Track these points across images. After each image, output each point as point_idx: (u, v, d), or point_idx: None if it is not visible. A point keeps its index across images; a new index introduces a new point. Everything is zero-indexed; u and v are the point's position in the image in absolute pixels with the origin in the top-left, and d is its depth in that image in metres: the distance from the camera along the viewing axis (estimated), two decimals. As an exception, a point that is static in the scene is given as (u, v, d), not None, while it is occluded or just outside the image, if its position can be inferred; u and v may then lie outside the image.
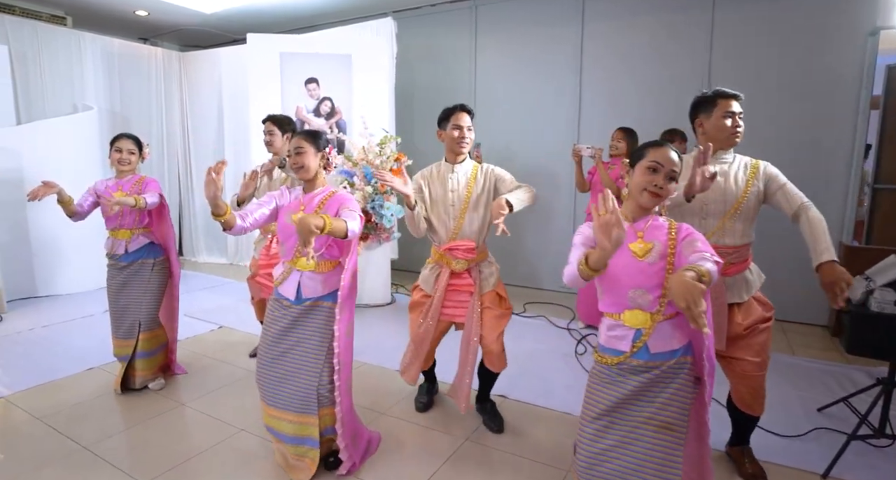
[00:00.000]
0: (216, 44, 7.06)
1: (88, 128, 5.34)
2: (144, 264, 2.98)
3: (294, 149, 2.11)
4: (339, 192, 2.16)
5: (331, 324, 2.12)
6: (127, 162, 2.94)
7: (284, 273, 2.15)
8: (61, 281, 5.11)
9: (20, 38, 5.35)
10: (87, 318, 4.41)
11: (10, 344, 3.80)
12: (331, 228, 1.81)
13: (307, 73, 4.44)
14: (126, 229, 2.95)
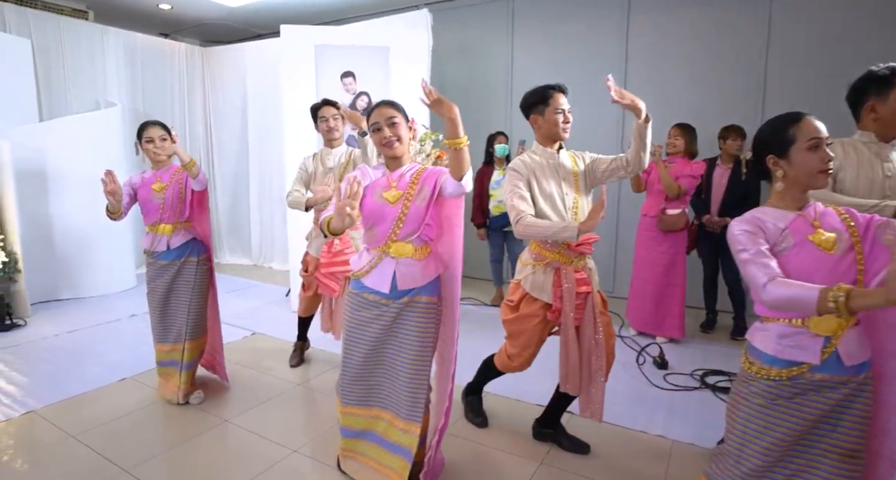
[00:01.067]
0: (237, 40, 6.88)
1: (112, 125, 5.16)
2: (188, 262, 2.78)
3: (386, 121, 1.85)
4: (430, 167, 1.93)
5: (433, 323, 1.93)
6: (161, 150, 2.72)
7: (373, 262, 1.91)
8: (85, 284, 4.93)
9: (43, 33, 5.18)
10: (114, 323, 4.22)
11: (36, 351, 3.61)
12: (459, 140, 1.69)
13: (343, 66, 4.23)
14: (167, 223, 2.75)
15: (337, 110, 3.02)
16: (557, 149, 2.19)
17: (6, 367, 3.33)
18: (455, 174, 1.76)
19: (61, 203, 4.76)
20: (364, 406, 2.01)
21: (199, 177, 2.64)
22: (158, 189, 2.72)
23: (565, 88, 2.18)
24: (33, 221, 4.55)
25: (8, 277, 4.19)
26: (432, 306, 1.92)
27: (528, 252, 2.24)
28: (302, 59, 4.22)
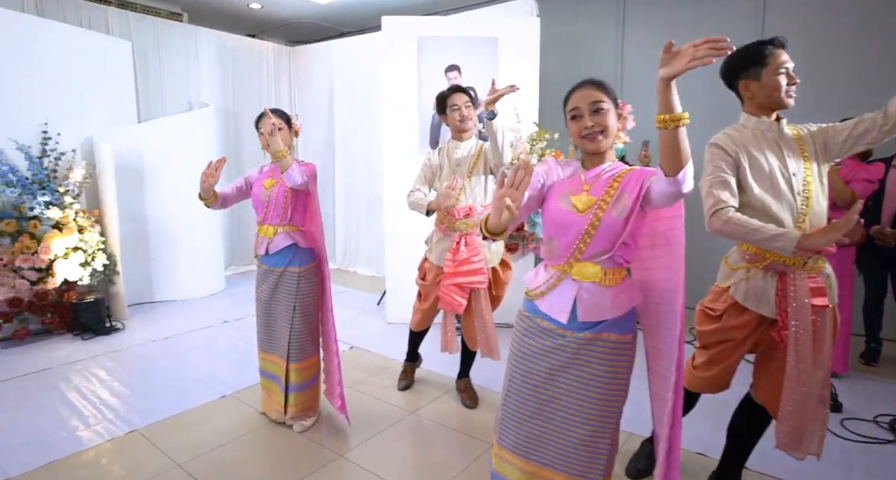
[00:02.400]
0: (321, 39, 6.74)
1: (205, 126, 5.09)
2: (288, 272, 2.49)
3: (590, 107, 1.47)
4: (636, 167, 1.52)
5: (624, 366, 1.51)
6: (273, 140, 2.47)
7: (550, 282, 1.54)
8: (177, 286, 4.88)
9: (142, 35, 5.20)
10: (207, 330, 4.09)
11: (135, 359, 3.50)
12: (678, 116, 1.26)
13: (447, 59, 3.90)
14: (269, 225, 2.49)
15: (469, 98, 2.67)
16: (776, 120, 1.74)
17: (108, 376, 3.23)
18: (669, 167, 1.30)
19: (156, 204, 4.72)
20: (522, 457, 1.63)
21: (289, 172, 2.32)
22: (268, 185, 2.49)
23: (785, 41, 1.71)
24: (130, 222, 4.52)
25: (108, 279, 4.15)
26: (624, 347, 1.51)
27: (738, 252, 1.79)
28: (404, 53, 3.93)
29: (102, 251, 4.04)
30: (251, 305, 4.71)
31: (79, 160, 4.11)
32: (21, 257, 3.64)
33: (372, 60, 5.62)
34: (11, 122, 3.82)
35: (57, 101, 4.10)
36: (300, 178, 2.34)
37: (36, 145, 3.90)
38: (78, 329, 3.91)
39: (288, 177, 2.33)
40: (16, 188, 3.69)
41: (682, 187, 1.31)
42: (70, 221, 3.85)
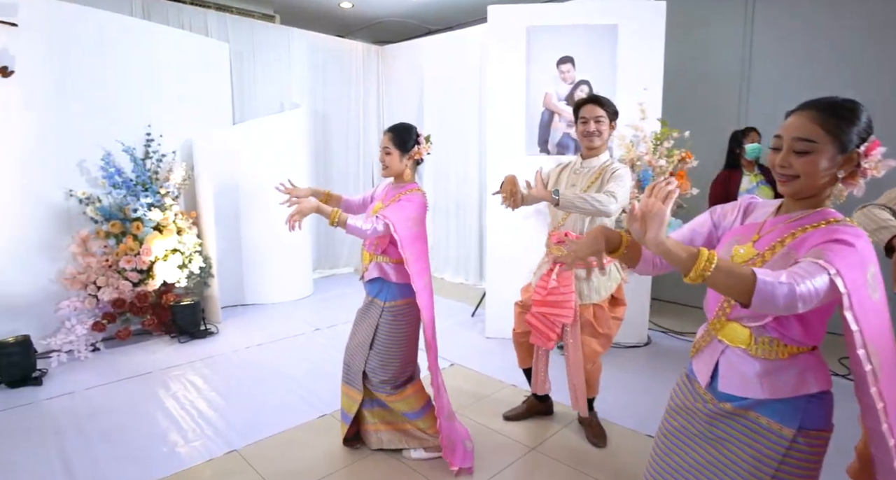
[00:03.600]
0: (407, 38, 6.56)
1: (297, 127, 5.01)
2: (374, 304, 2.24)
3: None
4: (838, 223, 1.09)
5: (775, 459, 1.13)
6: (383, 164, 2.23)
7: (703, 339, 1.28)
8: (267, 290, 4.81)
9: (238, 37, 5.20)
10: (299, 337, 3.95)
11: (230, 367, 3.40)
12: None
13: (559, 50, 3.54)
14: (367, 251, 2.25)
15: (606, 113, 2.29)
16: None
17: (205, 384, 3.13)
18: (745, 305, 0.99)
19: (249, 206, 4.67)
20: None
21: (351, 231, 2.00)
22: (376, 209, 2.22)
23: None
24: (224, 224, 4.49)
25: (203, 282, 4.11)
26: (781, 441, 1.13)
27: None
28: (511, 45, 3.61)
29: (199, 253, 4.01)
30: (339, 312, 4.66)
31: (179, 162, 4.10)
32: (125, 258, 3.65)
33: (465, 57, 5.35)
34: (119, 125, 3.85)
35: (160, 104, 4.11)
36: (369, 227, 2.00)
37: (140, 147, 3.91)
38: (174, 331, 3.88)
39: (355, 233, 2.01)
40: (122, 190, 3.70)
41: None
42: (170, 223, 3.83)
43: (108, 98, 3.82)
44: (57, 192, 3.60)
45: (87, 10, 3.75)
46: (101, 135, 3.77)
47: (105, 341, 3.73)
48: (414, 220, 2.13)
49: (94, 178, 3.75)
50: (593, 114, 2.28)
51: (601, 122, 2.29)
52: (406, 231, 2.08)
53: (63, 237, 3.64)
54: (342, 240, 6.20)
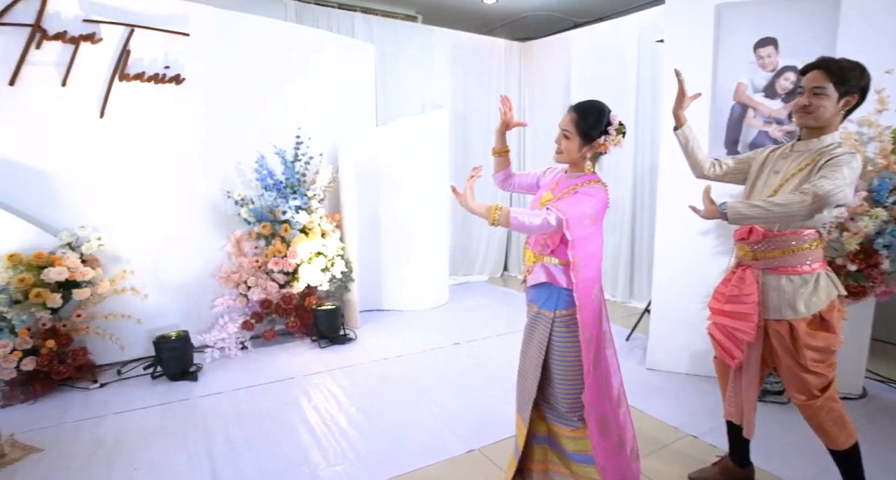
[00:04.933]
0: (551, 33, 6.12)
1: (438, 129, 4.83)
2: (542, 315, 1.85)
3: None
4: None
5: None
6: (559, 147, 1.84)
7: None
8: (403, 295, 4.69)
9: (383, 38, 5.16)
10: (438, 351, 3.73)
11: (369, 379, 3.25)
12: None
13: (758, 31, 2.93)
14: (530, 250, 1.89)
15: (828, 82, 1.74)
16: None
17: (345, 397, 3.00)
18: None
19: (389, 210, 4.57)
20: None
21: (515, 226, 1.67)
22: (544, 199, 1.87)
23: None
24: (364, 228, 4.41)
25: (344, 286, 4.06)
26: None
27: None
28: (694, 28, 3.06)
29: (341, 257, 3.95)
30: (477, 325, 4.30)
31: (325, 164, 4.09)
32: (273, 260, 3.68)
33: (621, 48, 4.83)
34: (272, 127, 3.92)
35: (309, 106, 4.13)
36: (537, 222, 1.66)
37: (290, 150, 3.94)
38: (315, 334, 3.86)
39: (520, 229, 1.68)
40: (272, 192, 3.74)
41: None
42: (315, 226, 3.81)
43: (263, 101, 3.90)
44: (217, 193, 3.73)
45: (247, 16, 3.85)
46: (255, 137, 3.85)
47: (252, 340, 3.80)
48: (591, 219, 1.74)
49: (248, 180, 3.84)
50: (811, 83, 1.76)
51: (821, 95, 1.74)
52: (581, 230, 1.71)
53: (219, 236, 3.77)
54: (477, 247, 5.96)
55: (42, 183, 3.21)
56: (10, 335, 2.95)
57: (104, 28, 3.29)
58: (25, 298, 3.00)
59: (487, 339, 3.92)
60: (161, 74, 3.48)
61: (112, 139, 3.38)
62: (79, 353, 3.18)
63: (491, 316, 4.53)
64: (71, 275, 3.10)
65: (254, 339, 3.82)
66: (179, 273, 3.64)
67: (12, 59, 3.08)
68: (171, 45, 3.50)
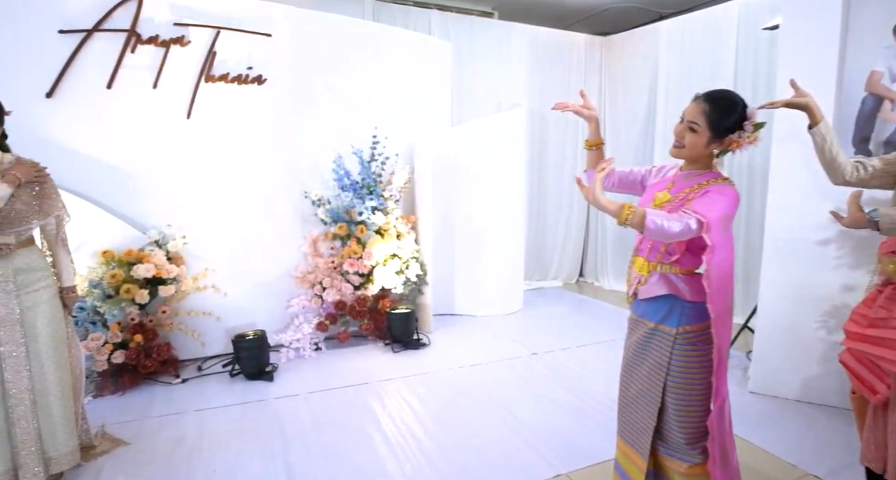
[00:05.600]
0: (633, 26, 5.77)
1: (515, 128, 4.64)
2: (661, 332, 1.62)
3: None
4: None
5: None
6: (679, 140, 1.60)
7: None
8: (476, 300, 4.54)
9: (459, 36, 5.04)
10: (515, 361, 3.54)
11: (445, 390, 3.11)
12: None
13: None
14: (644, 258, 1.66)
15: None
16: None
17: (421, 407, 2.88)
18: None
19: (464, 212, 4.43)
20: None
21: (651, 231, 1.43)
22: (659, 200, 1.64)
23: None
24: (439, 230, 4.30)
25: (418, 290, 3.96)
26: None
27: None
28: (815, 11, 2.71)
29: (415, 259, 3.86)
30: (555, 334, 4.06)
31: (401, 164, 4.01)
32: (348, 261, 3.63)
33: (718, 39, 4.45)
34: (348, 127, 3.88)
35: (386, 105, 4.07)
36: (678, 226, 1.42)
37: (366, 150, 3.89)
38: (388, 338, 3.78)
39: (656, 234, 1.44)
40: (349, 192, 3.70)
41: None
42: (391, 227, 3.73)
43: (340, 100, 3.87)
44: (294, 193, 3.73)
45: (326, 15, 3.83)
46: (332, 137, 3.83)
47: (326, 341, 3.78)
48: (725, 222, 1.51)
49: (325, 181, 3.82)
50: None
51: None
52: (718, 234, 1.48)
53: (296, 236, 3.77)
54: (552, 251, 5.72)
55: (132, 181, 3.31)
56: (102, 328, 3.06)
57: (192, 31, 3.36)
58: (116, 293, 3.10)
59: (567, 350, 3.69)
60: (244, 75, 3.51)
61: (197, 139, 3.44)
62: (163, 348, 3.25)
63: (568, 326, 4.29)
64: (158, 272, 3.18)
65: (327, 340, 3.80)
66: (256, 271, 3.67)
67: (110, 64, 3.19)
68: (254, 46, 3.53)
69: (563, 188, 5.66)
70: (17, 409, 2.01)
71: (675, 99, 4.84)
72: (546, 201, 5.63)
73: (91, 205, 3.15)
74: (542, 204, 5.60)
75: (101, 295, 3.09)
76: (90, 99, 3.17)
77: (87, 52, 3.13)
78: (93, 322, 3.05)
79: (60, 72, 3.09)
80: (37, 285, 2.06)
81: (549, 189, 5.61)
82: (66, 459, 2.14)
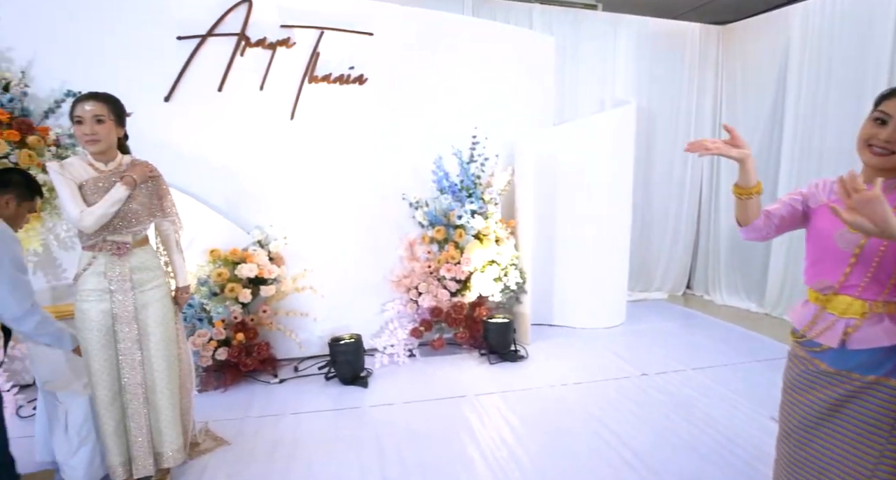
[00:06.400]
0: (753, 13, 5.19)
1: (622, 127, 4.29)
2: (881, 388, 1.26)
3: None
4: None
5: None
6: (887, 147, 1.24)
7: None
8: (575, 310, 4.25)
9: (562, 30, 4.79)
10: (621, 382, 3.23)
11: (545, 413, 2.87)
12: None
13: None
14: (852, 296, 1.30)
15: None
16: None
17: (523, 428, 2.66)
18: None
19: (566, 216, 4.16)
20: None
21: None
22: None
23: None
24: (539, 235, 4.05)
25: (516, 298, 3.75)
26: None
27: None
28: None
29: (515, 266, 3.65)
30: (663, 351, 3.66)
31: (502, 166, 3.82)
32: (445, 266, 3.50)
33: (865, 20, 3.87)
34: (447, 127, 3.75)
35: (486, 104, 3.90)
36: None
37: (465, 150, 3.73)
38: (484, 348, 3.60)
39: None
40: (448, 195, 3.56)
41: None
42: (490, 232, 3.55)
43: (440, 99, 3.75)
44: (392, 195, 3.65)
45: (426, 12, 3.73)
46: (431, 137, 3.71)
47: (420, 347, 3.67)
48: None
49: (422, 182, 3.71)
50: None
51: None
52: None
53: (392, 239, 3.69)
54: (657, 259, 5.29)
55: (237, 182, 3.37)
56: (208, 325, 3.13)
57: (297, 32, 3.37)
58: (221, 291, 3.16)
59: (681, 373, 3.32)
60: (346, 75, 3.48)
61: (299, 140, 3.45)
62: (263, 347, 3.27)
63: (679, 344, 3.89)
64: (260, 272, 3.20)
65: (421, 346, 3.69)
66: (352, 273, 3.63)
67: (221, 67, 3.26)
68: (355, 46, 3.49)
69: (671, 191, 5.22)
70: (131, 404, 2.06)
71: (809, 97, 4.27)
72: (652, 205, 5.21)
73: (200, 205, 3.24)
74: (647, 208, 5.19)
75: (208, 292, 3.16)
76: (202, 102, 3.26)
77: (201, 56, 3.22)
78: (199, 318, 3.13)
79: (177, 76, 3.20)
80: (150, 284, 2.08)
81: (656, 192, 5.19)
82: (174, 456, 2.17)
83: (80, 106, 1.89)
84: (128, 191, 1.94)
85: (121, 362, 2.04)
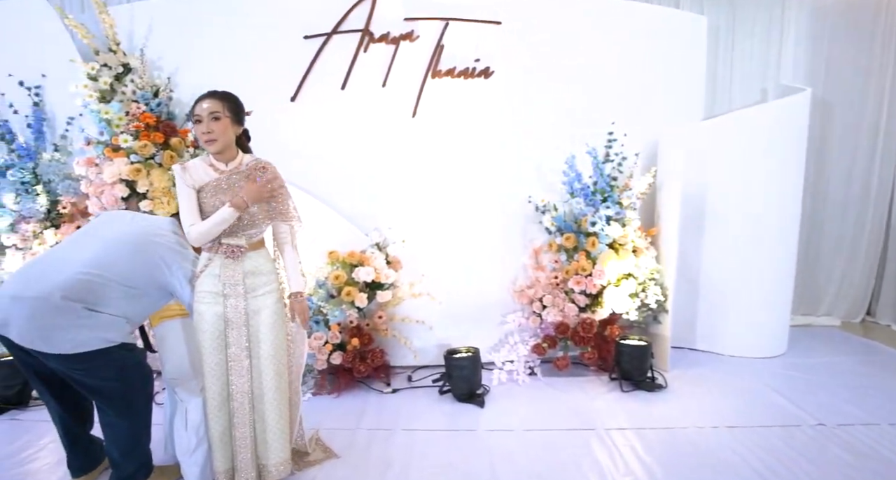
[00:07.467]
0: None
1: (794, 120, 3.58)
2: None
3: None
4: None
5: None
6: None
7: None
8: (725, 337, 3.63)
9: (715, 10, 4.17)
10: (791, 430, 2.63)
11: (699, 465, 2.40)
12: None
13: None
14: None
15: None
16: None
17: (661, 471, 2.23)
18: None
19: (715, 224, 3.56)
20: None
21: None
22: None
23: None
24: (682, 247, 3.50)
25: (654, 318, 3.28)
26: None
27: None
28: None
29: (654, 281, 3.18)
30: (840, 394, 2.97)
31: (642, 167, 3.36)
32: (574, 278, 3.13)
33: None
34: (581, 123, 3.39)
35: (625, 97, 3.46)
36: None
37: (601, 148, 3.33)
38: (615, 372, 3.17)
39: None
40: (579, 198, 3.19)
41: None
42: (628, 241, 3.12)
43: (572, 92, 3.39)
44: (516, 197, 3.37)
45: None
46: (561, 134, 3.37)
47: (542, 365, 3.34)
48: None
49: (549, 184, 3.37)
50: None
51: None
52: None
53: (516, 245, 3.41)
54: (828, 278, 4.45)
55: (357, 182, 3.30)
56: (324, 328, 3.07)
57: (420, 25, 3.21)
58: (338, 294, 3.09)
59: (874, 427, 2.63)
60: (471, 69, 3.27)
61: (421, 139, 3.30)
62: (377, 354, 3.16)
63: (863, 386, 3.12)
64: (376, 277, 3.08)
65: (543, 364, 3.35)
66: (472, 281, 3.40)
67: (344, 65, 3.20)
68: (482, 36, 3.26)
69: (849, 194, 4.34)
70: (237, 413, 2.01)
71: None
72: (824, 213, 4.38)
73: (321, 204, 3.20)
74: (817, 216, 4.37)
75: (325, 295, 3.10)
76: (326, 101, 3.23)
77: (326, 55, 3.19)
78: (316, 320, 3.08)
79: (303, 76, 3.19)
80: (263, 289, 2.01)
81: (830, 197, 4.35)
82: (278, 469, 2.09)
83: (199, 104, 1.88)
84: (236, 214, 1.89)
85: (230, 367, 1.99)
